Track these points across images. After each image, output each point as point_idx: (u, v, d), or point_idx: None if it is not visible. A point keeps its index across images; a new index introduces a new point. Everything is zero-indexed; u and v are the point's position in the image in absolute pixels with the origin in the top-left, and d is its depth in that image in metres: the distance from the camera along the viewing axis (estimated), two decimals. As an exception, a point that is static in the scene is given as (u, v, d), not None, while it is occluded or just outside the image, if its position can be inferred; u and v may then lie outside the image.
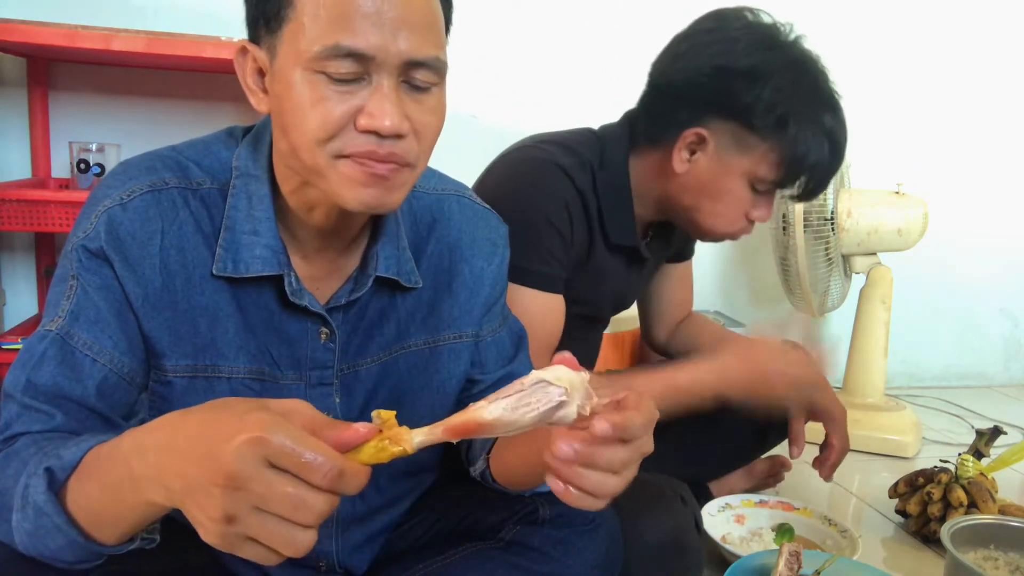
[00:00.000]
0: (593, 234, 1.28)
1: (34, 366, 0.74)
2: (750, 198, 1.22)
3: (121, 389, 0.77)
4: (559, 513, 0.90)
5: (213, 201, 0.81)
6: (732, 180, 1.20)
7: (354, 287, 0.85)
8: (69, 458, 0.65)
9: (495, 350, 0.97)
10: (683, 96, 1.20)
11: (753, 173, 1.19)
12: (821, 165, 1.19)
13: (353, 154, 0.71)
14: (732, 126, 1.17)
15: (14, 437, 0.72)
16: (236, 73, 0.78)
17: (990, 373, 2.85)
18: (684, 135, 1.20)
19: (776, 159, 1.17)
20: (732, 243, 2.51)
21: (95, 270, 0.76)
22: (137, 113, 1.95)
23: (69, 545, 0.64)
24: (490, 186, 1.27)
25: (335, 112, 0.70)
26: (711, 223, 1.25)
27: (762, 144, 1.17)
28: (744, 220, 1.24)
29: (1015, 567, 1.31)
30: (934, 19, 2.53)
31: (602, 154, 1.27)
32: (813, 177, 1.20)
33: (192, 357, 0.80)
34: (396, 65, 0.70)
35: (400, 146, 0.72)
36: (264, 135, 0.83)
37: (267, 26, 0.73)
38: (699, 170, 1.21)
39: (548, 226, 1.20)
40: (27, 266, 1.96)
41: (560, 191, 1.22)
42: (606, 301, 1.40)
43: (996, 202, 2.71)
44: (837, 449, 1.37)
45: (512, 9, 2.17)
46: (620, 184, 1.27)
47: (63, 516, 0.63)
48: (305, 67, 0.69)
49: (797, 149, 1.16)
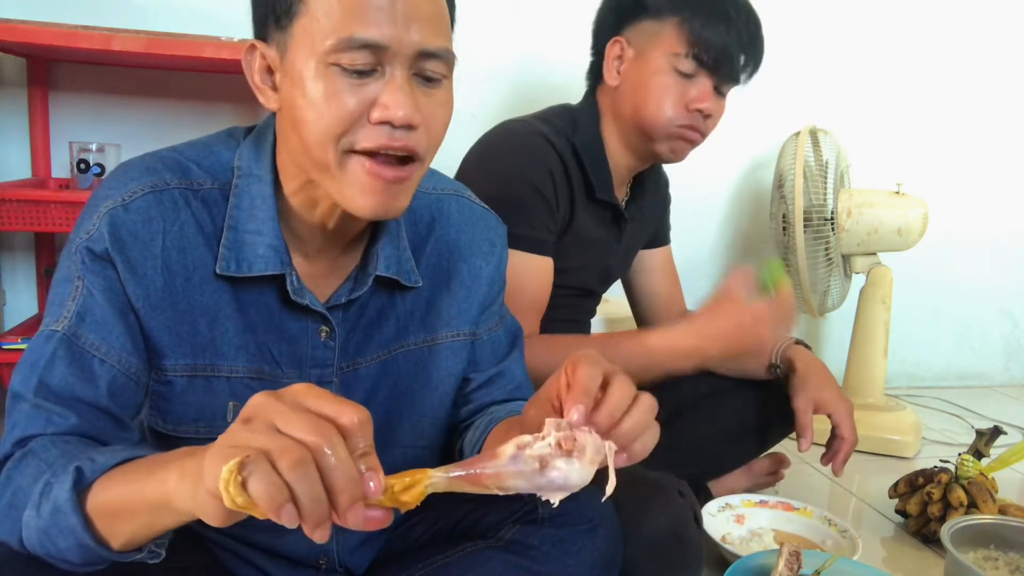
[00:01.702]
0: (575, 198, 1.33)
1: (45, 367, 0.74)
2: (678, 82, 1.29)
3: (129, 389, 0.77)
4: (559, 512, 0.90)
5: (214, 201, 0.81)
6: (654, 69, 1.29)
7: (354, 286, 0.85)
8: (102, 462, 0.65)
9: (490, 348, 0.98)
10: (603, 22, 1.36)
11: (667, 54, 1.28)
12: (716, 28, 1.26)
13: (366, 148, 0.72)
14: (640, 24, 1.31)
15: (28, 439, 0.72)
16: (243, 72, 0.79)
17: (990, 373, 2.85)
18: (607, 50, 1.33)
19: (676, 31, 1.27)
20: (732, 244, 2.51)
21: (99, 271, 0.76)
22: (137, 113, 1.95)
23: (78, 547, 0.64)
24: (473, 160, 1.34)
25: (349, 105, 0.71)
26: (652, 117, 1.30)
27: (665, 26, 1.28)
28: (682, 107, 1.29)
29: (1015, 567, 1.31)
30: (934, 19, 2.53)
31: (574, 119, 1.37)
32: (715, 44, 1.26)
33: (191, 357, 0.80)
34: (408, 56, 0.71)
35: (412, 137, 0.73)
36: (266, 135, 0.83)
37: (277, 23, 0.73)
38: (628, 75, 1.32)
39: (533, 191, 1.26)
40: (27, 266, 1.96)
41: (542, 157, 1.28)
42: (592, 272, 1.44)
43: (996, 202, 2.71)
44: (848, 441, 1.38)
45: (512, 9, 2.17)
46: (595, 142, 1.35)
47: (79, 516, 0.63)
48: (319, 60, 0.70)
49: (690, 15, 1.26)
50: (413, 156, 0.74)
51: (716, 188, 2.48)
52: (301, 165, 0.77)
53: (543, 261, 1.27)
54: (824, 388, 1.38)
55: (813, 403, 1.37)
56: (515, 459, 0.58)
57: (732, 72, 1.30)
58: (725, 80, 1.31)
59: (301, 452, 0.51)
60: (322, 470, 0.52)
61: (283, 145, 0.80)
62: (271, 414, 0.53)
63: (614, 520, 0.92)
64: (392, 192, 0.74)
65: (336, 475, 0.52)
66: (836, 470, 1.39)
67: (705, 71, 1.28)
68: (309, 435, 0.52)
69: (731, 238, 2.53)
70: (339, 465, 0.52)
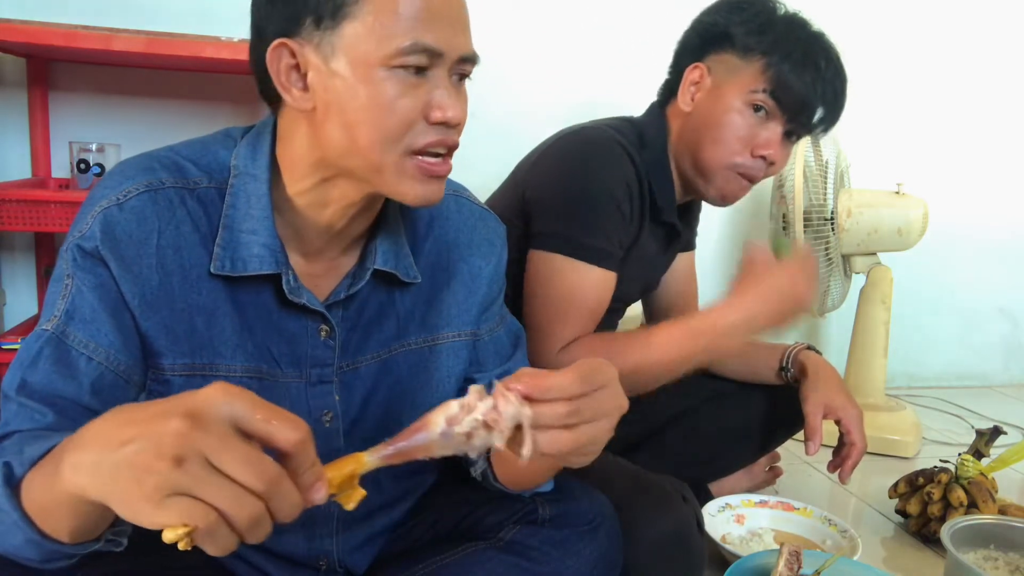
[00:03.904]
0: (644, 214, 1.31)
1: (29, 365, 0.74)
2: (751, 121, 1.24)
3: (119, 387, 0.77)
4: (559, 513, 0.91)
5: (210, 200, 0.81)
6: (729, 104, 1.25)
7: (352, 281, 0.85)
8: (30, 454, 0.64)
9: (493, 349, 0.98)
10: (687, 44, 1.32)
11: (745, 90, 1.24)
12: (802, 74, 1.22)
13: (425, 146, 0.76)
14: (724, 56, 1.26)
15: (7, 436, 0.72)
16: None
17: (990, 373, 2.85)
18: (686, 75, 1.29)
19: (760, 71, 1.23)
20: (732, 244, 2.51)
21: (90, 269, 0.76)
22: (137, 113, 1.95)
23: (28, 543, 0.63)
24: (552, 165, 1.29)
25: (407, 107, 0.74)
26: (715, 153, 1.26)
27: (750, 64, 1.24)
28: (748, 150, 1.25)
29: (1015, 567, 1.31)
30: (934, 19, 2.53)
31: (641, 136, 1.33)
32: (798, 90, 1.22)
33: (189, 356, 0.80)
34: (455, 59, 0.76)
35: (455, 134, 0.78)
36: (264, 135, 0.83)
37: (318, 23, 0.73)
38: (701, 104, 1.28)
39: (611, 203, 1.23)
40: (27, 266, 1.96)
41: (623, 169, 1.26)
42: (637, 283, 1.43)
43: (996, 202, 2.70)
44: (858, 448, 1.37)
45: (512, 9, 2.17)
46: (663, 161, 1.32)
47: (18, 512, 0.62)
48: (380, 63, 0.73)
49: (778, 59, 1.22)
50: (453, 150, 0.79)
51: (716, 188, 2.48)
52: (328, 164, 0.78)
53: (608, 276, 1.24)
54: (835, 393, 1.37)
55: (823, 407, 1.37)
56: (445, 435, 0.63)
57: (807, 121, 1.25)
58: (798, 128, 1.26)
59: (252, 508, 0.50)
60: (271, 510, 0.52)
61: (298, 144, 0.79)
62: (204, 449, 0.50)
63: (614, 521, 0.92)
64: (438, 183, 0.79)
65: (283, 509, 0.53)
66: (843, 477, 1.38)
67: (780, 115, 1.24)
68: (254, 481, 0.50)
69: (731, 238, 2.53)
70: (284, 501, 0.52)
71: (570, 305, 1.19)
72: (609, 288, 1.25)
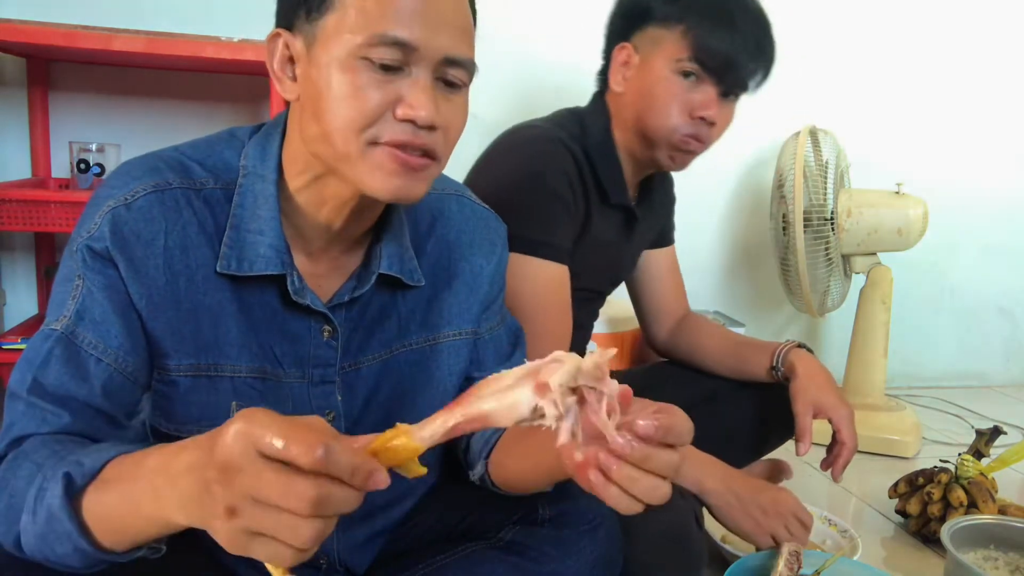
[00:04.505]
0: (590, 202, 1.32)
1: (40, 365, 0.74)
2: (683, 89, 1.26)
3: (126, 389, 0.77)
4: (559, 513, 0.91)
5: (216, 201, 0.81)
6: (658, 76, 1.27)
7: (357, 284, 0.85)
8: (90, 465, 0.64)
9: (493, 348, 0.98)
10: (612, 27, 1.35)
11: (671, 60, 1.25)
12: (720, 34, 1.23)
13: (389, 141, 0.74)
14: (648, 31, 1.28)
15: (22, 439, 0.72)
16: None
17: (990, 373, 2.85)
18: (614, 57, 1.32)
19: (681, 38, 1.24)
20: (732, 244, 2.51)
21: (100, 270, 0.76)
22: (137, 113, 1.95)
23: (76, 552, 0.64)
24: (491, 167, 1.31)
25: (375, 99, 0.73)
26: (655, 125, 1.28)
27: (671, 33, 1.26)
28: (686, 114, 1.26)
29: (1015, 567, 1.31)
30: (934, 19, 2.53)
31: (583, 123, 1.35)
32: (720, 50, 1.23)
33: (195, 356, 0.80)
34: (435, 60, 0.74)
35: (432, 138, 0.75)
36: (273, 134, 0.83)
37: (308, 15, 0.75)
38: (633, 82, 1.30)
39: (553, 197, 1.24)
40: (27, 266, 1.96)
41: (560, 163, 1.26)
42: (603, 274, 1.43)
43: (996, 202, 2.71)
44: (848, 447, 1.37)
45: (513, 9, 2.17)
46: (606, 146, 1.33)
47: (75, 523, 0.63)
48: (350, 54, 0.72)
49: (695, 23, 1.24)
50: (432, 154, 0.76)
51: (716, 188, 2.48)
52: (317, 156, 0.78)
53: (561, 269, 1.25)
54: (825, 392, 1.36)
55: (813, 407, 1.36)
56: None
57: (738, 79, 1.27)
58: (731, 87, 1.28)
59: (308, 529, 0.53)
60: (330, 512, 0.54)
61: (296, 137, 0.80)
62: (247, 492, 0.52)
63: (614, 521, 0.92)
64: (414, 177, 0.76)
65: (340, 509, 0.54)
66: (835, 476, 1.38)
67: (709, 77, 1.25)
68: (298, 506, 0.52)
69: (731, 238, 2.53)
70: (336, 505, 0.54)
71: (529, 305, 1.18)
72: (564, 281, 1.26)
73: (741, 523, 1.23)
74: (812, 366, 1.40)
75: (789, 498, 1.25)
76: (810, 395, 1.36)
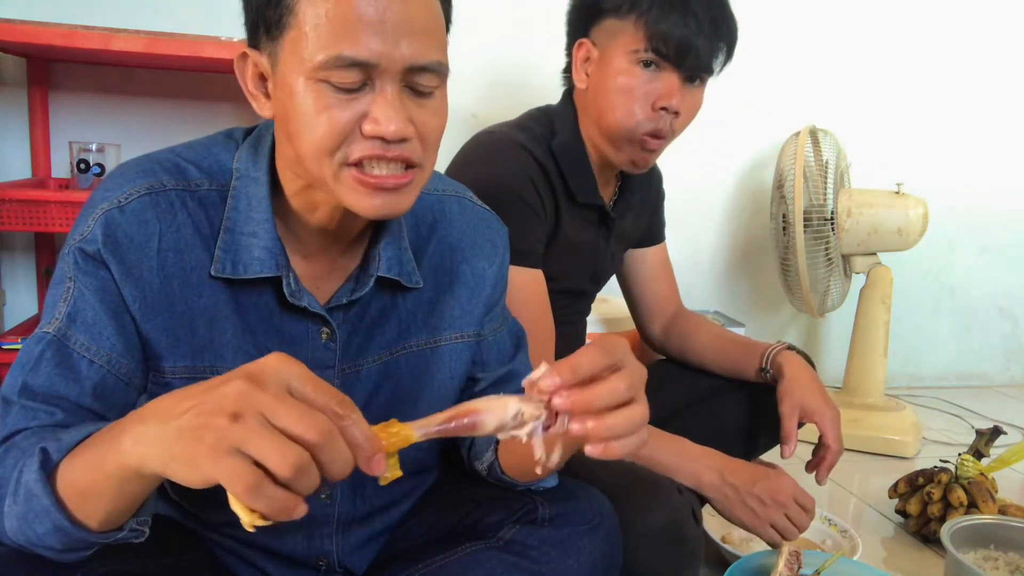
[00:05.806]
0: (559, 203, 1.31)
1: (31, 369, 0.74)
2: (643, 77, 1.24)
3: (119, 391, 0.77)
4: (559, 513, 0.90)
5: (211, 203, 0.81)
6: (618, 69, 1.25)
7: (355, 286, 0.85)
8: (67, 440, 0.65)
9: (496, 349, 0.98)
10: (571, 24, 1.34)
11: (628, 51, 1.24)
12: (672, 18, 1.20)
13: (361, 158, 0.72)
14: (604, 24, 1.26)
15: (15, 434, 0.72)
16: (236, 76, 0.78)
17: (990, 373, 2.85)
18: (574, 52, 1.31)
19: (634, 27, 1.23)
20: (732, 244, 2.51)
21: (91, 272, 0.76)
22: (137, 113, 1.95)
23: (55, 530, 0.64)
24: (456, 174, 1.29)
25: (340, 120, 0.71)
26: (618, 121, 1.25)
27: (625, 24, 1.24)
28: (648, 106, 1.24)
29: (1015, 567, 1.31)
30: (934, 18, 2.53)
31: (552, 123, 1.34)
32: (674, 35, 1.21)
33: (190, 358, 0.80)
34: (398, 71, 0.71)
35: (406, 148, 0.73)
36: (265, 137, 0.83)
37: (268, 33, 0.73)
38: (595, 76, 1.29)
39: (518, 202, 1.23)
40: (27, 266, 1.96)
41: (523, 166, 1.26)
42: (583, 273, 1.43)
43: (996, 202, 2.71)
44: (833, 450, 1.36)
45: (513, 8, 2.17)
46: (574, 144, 1.32)
47: (51, 497, 0.63)
48: (308, 76, 0.70)
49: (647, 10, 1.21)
50: (411, 163, 0.75)
51: (716, 188, 2.48)
52: (298, 173, 0.77)
53: (535, 274, 1.25)
54: (811, 395, 1.35)
55: (799, 410, 1.35)
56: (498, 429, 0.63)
57: (698, 62, 1.23)
58: (693, 71, 1.24)
59: (298, 457, 0.52)
60: (323, 465, 0.54)
61: (280, 151, 0.80)
62: (261, 406, 0.53)
63: (614, 520, 0.92)
64: (393, 194, 0.74)
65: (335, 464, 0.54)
66: (820, 479, 1.37)
67: (669, 64, 1.22)
68: (308, 431, 0.53)
69: (731, 238, 2.53)
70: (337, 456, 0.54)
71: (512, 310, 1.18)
72: (540, 286, 1.26)
73: (740, 515, 1.23)
74: (799, 368, 1.38)
75: (788, 483, 1.25)
76: (796, 398, 1.34)
